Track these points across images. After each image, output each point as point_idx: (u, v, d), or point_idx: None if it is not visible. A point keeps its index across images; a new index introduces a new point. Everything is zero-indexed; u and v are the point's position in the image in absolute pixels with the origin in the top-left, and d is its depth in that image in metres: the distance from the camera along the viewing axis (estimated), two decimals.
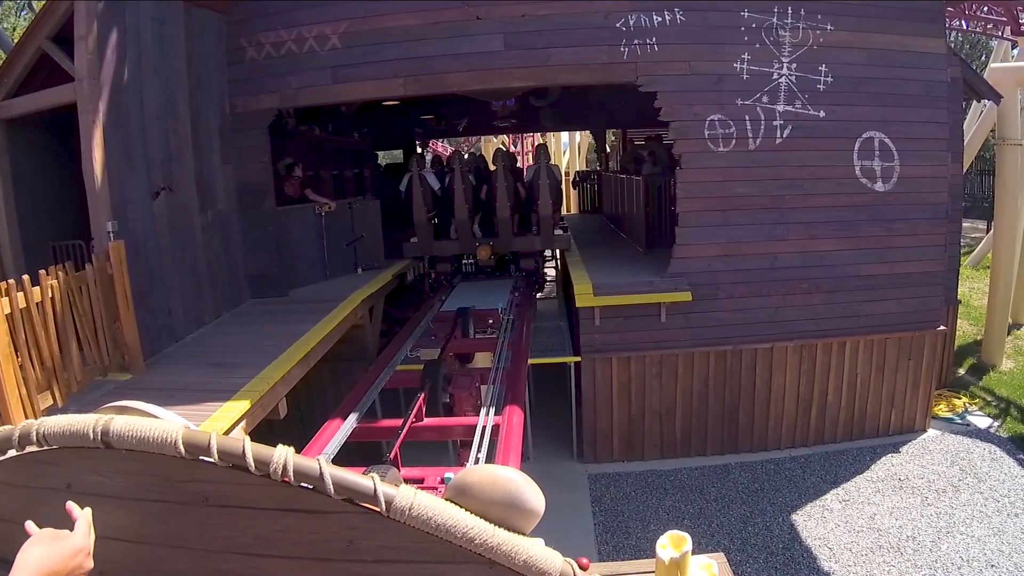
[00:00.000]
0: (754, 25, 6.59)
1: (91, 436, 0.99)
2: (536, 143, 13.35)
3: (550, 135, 18.18)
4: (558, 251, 10.04)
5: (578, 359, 6.88)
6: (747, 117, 6.65)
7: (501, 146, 18.63)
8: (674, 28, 6.50)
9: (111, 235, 5.51)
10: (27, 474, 1.05)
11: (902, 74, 7.15)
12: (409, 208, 8.31)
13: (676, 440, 7.30)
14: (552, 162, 8.66)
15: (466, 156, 10.67)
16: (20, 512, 1.03)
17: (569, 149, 19.65)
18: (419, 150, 14.98)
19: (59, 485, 1.04)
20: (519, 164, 15.45)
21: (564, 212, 13.00)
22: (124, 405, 1.10)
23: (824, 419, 7.61)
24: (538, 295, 9.05)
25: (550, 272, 11.78)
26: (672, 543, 1.17)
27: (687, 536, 1.18)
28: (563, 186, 10.51)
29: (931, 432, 8.06)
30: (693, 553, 1.18)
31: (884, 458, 7.57)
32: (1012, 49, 14.18)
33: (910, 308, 7.49)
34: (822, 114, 6.88)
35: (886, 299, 7.39)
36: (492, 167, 8.94)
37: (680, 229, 6.72)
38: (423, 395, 4.40)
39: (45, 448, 1.04)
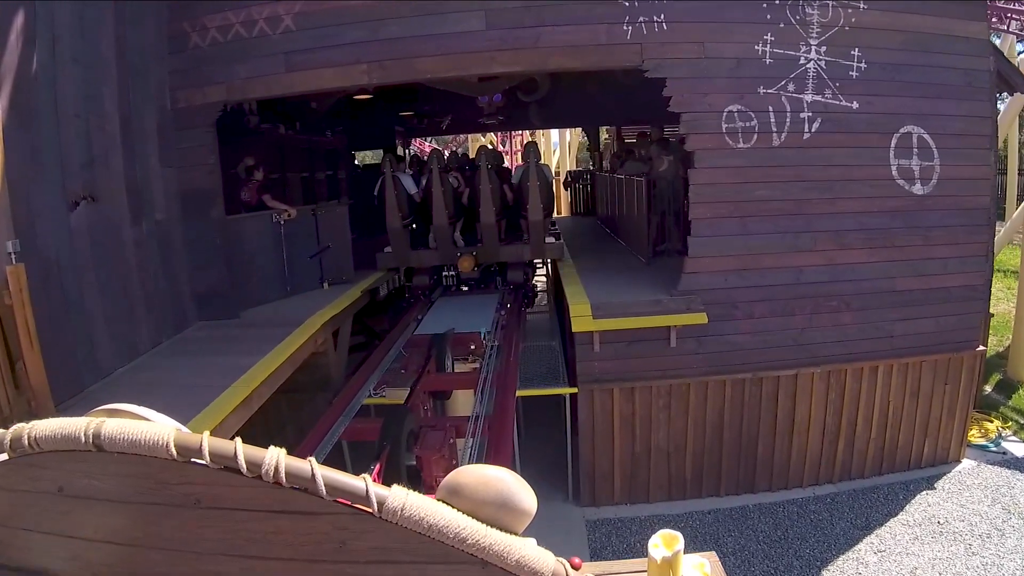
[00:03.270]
0: (777, 1, 5.54)
1: (82, 439, 0.96)
2: (525, 141, 12.14)
3: (539, 133, 17.07)
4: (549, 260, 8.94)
5: (574, 390, 5.82)
6: (770, 108, 5.60)
7: (490, 143, 17.51)
8: (685, 4, 5.44)
9: (12, 256, 4.42)
10: (18, 478, 1.02)
11: (941, 61, 6.16)
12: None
13: (686, 480, 6.26)
14: (542, 161, 7.57)
15: (447, 156, 9.55)
16: (12, 516, 1.04)
17: (559, 148, 18.48)
18: (401, 150, 13.84)
19: (51, 488, 1.01)
20: (507, 164, 14.39)
21: (555, 214, 11.94)
22: (115, 408, 1.05)
23: (851, 452, 6.61)
24: (528, 310, 7.97)
25: (540, 279, 10.72)
26: (664, 542, 1.15)
27: (679, 535, 1.15)
28: (555, 188, 9.37)
29: (966, 463, 7.12)
30: (685, 552, 1.16)
31: (919, 496, 6.60)
32: (1017, 42, 13.27)
33: (947, 327, 6.51)
34: (855, 105, 5.85)
35: (922, 317, 6.40)
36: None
37: (693, 239, 5.66)
38: (379, 464, 3.33)
39: (36, 452, 1.00)
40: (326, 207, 7.28)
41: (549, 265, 9.75)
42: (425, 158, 9.58)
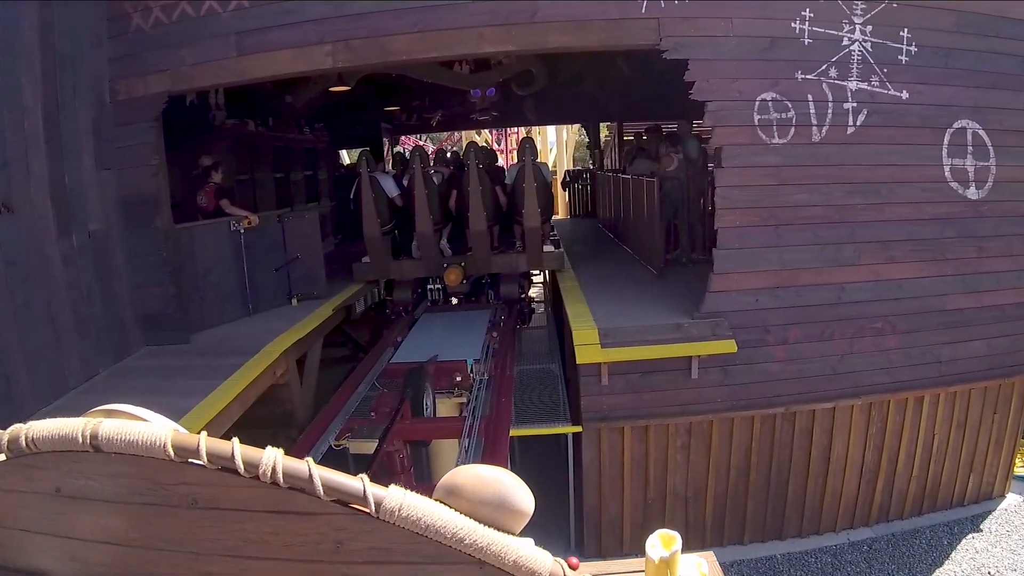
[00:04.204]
0: None
1: (80, 440, 0.94)
2: (521, 137, 10.92)
3: (535, 130, 15.98)
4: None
5: (578, 429, 4.82)
6: (810, 97, 4.61)
7: (485, 142, 16.39)
8: None
9: None
10: (15, 478, 1.00)
11: (996, 46, 5.20)
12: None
13: (705, 527, 5.28)
14: (539, 160, 6.55)
15: (433, 154, 8.51)
16: (9, 517, 1.03)
17: (556, 146, 17.32)
18: (396, 148, 12.75)
19: (48, 489, 0.99)
20: (501, 163, 13.34)
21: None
22: (112, 408, 1.01)
23: (891, 492, 5.67)
24: (524, 326, 6.94)
25: (537, 284, 9.69)
26: (662, 542, 1.13)
27: (677, 535, 1.13)
28: (554, 189, 8.30)
29: (1011, 498, 6.21)
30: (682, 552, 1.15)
31: (965, 541, 5.67)
32: None
33: (999, 349, 5.57)
34: (905, 95, 4.87)
35: (973, 339, 5.45)
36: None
37: (719, 252, 4.66)
38: None
39: (33, 452, 0.97)
40: (294, 213, 6.25)
41: (547, 273, 8.74)
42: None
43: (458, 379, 4.61)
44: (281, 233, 5.97)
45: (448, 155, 8.74)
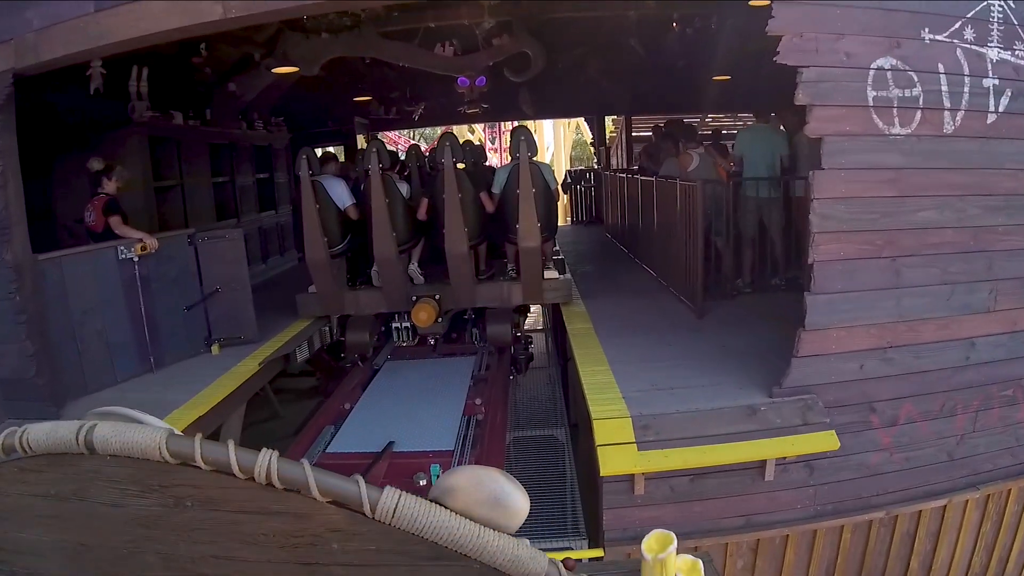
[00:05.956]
0: None
1: (75, 442, 0.88)
2: (515, 126, 8.75)
3: (531, 127, 14.13)
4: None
5: (598, 553, 3.15)
6: (941, 67, 2.94)
7: (478, 140, 14.53)
8: None
9: None
10: (9, 482, 0.93)
11: None
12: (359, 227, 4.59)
13: None
14: (537, 158, 4.82)
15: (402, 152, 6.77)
16: (3, 520, 0.97)
17: (554, 144, 15.40)
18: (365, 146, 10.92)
19: (43, 492, 0.93)
20: (495, 162, 11.60)
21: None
22: (107, 411, 0.94)
23: None
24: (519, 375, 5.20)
25: (534, 312, 7.96)
26: (657, 542, 1.03)
27: (672, 535, 1.03)
28: (558, 197, 6.39)
29: None
30: (678, 552, 1.05)
31: None
32: None
33: None
34: None
35: None
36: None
37: (814, 298, 2.96)
38: None
39: (29, 455, 0.89)
40: (211, 232, 4.50)
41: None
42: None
43: (421, 484, 2.94)
44: (194, 259, 4.23)
45: (427, 154, 7.00)
